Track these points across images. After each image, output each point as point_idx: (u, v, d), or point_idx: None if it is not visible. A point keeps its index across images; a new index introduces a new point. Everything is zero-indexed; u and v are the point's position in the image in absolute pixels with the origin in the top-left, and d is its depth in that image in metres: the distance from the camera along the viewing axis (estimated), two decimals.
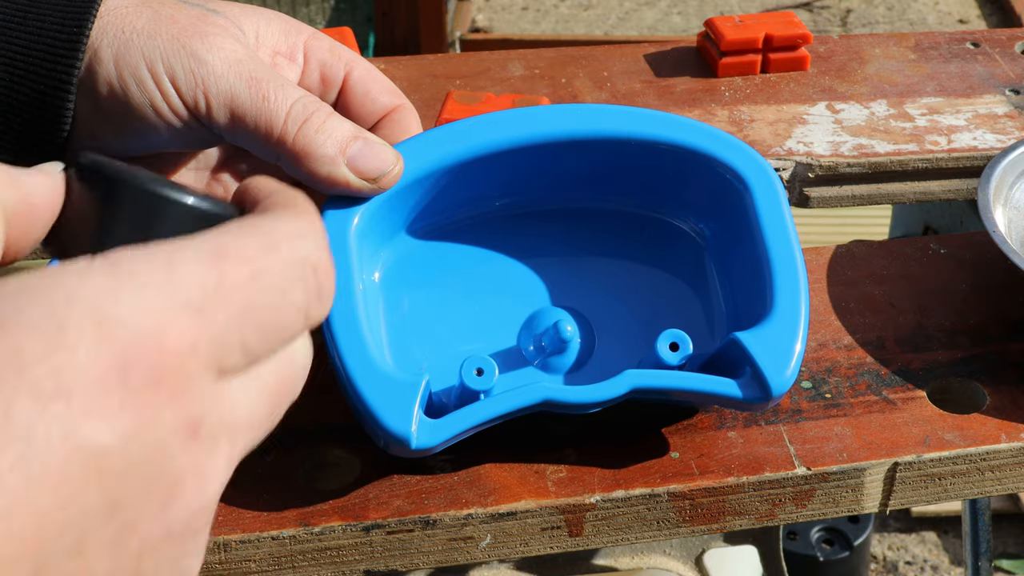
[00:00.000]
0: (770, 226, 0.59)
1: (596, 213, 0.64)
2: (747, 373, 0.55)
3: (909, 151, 0.80)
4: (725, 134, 0.61)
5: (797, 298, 0.57)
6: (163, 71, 0.53)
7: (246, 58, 0.54)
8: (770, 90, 0.87)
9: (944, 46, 0.92)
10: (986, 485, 0.61)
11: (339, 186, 0.55)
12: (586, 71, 0.89)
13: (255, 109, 0.53)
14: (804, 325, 0.56)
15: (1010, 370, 0.65)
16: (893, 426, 0.61)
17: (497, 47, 2.37)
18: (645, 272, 0.63)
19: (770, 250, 0.58)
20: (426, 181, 0.59)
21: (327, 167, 0.54)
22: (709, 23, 0.90)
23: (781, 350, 0.55)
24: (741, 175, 0.60)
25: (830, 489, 0.59)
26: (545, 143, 0.60)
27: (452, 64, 0.90)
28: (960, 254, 0.73)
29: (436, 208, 0.61)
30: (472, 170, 0.59)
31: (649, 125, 0.60)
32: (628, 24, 2.79)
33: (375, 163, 0.55)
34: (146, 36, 0.53)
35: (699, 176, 0.61)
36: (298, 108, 0.54)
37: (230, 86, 0.53)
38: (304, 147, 0.54)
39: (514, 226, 0.63)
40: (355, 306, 0.55)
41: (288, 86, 0.54)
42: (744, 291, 0.60)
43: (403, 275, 0.61)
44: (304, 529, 0.56)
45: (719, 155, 0.60)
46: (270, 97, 0.53)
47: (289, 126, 0.53)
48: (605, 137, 0.60)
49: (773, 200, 0.59)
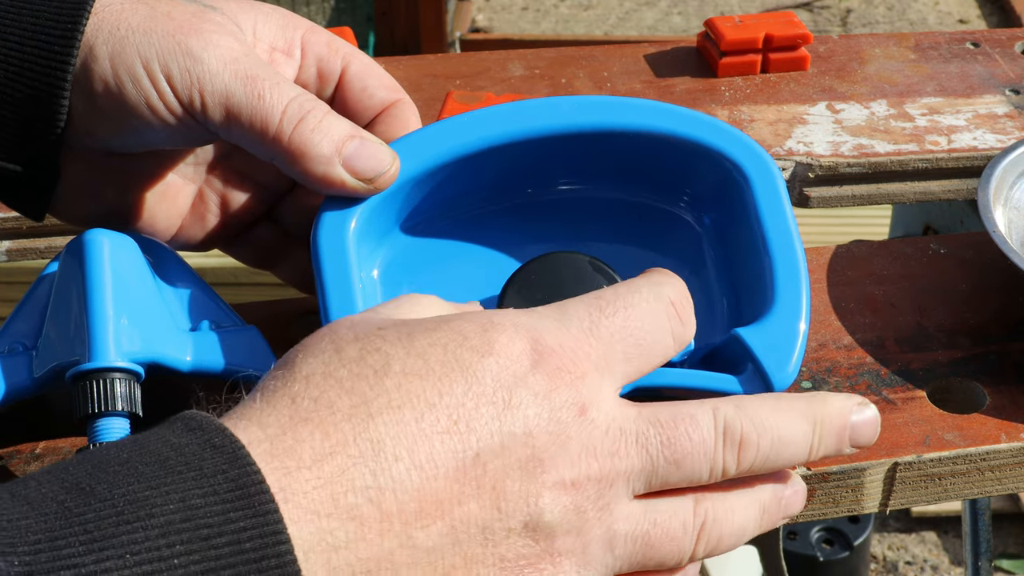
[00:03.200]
0: (770, 218, 0.58)
1: (595, 202, 0.64)
2: (748, 370, 0.55)
3: (909, 151, 0.80)
4: (725, 124, 0.60)
5: (798, 291, 0.57)
6: (159, 69, 0.52)
7: (242, 56, 0.54)
8: (770, 90, 0.87)
9: (944, 46, 0.93)
10: (986, 485, 0.61)
11: (335, 186, 0.54)
12: (586, 71, 0.89)
13: (250, 107, 0.53)
14: (806, 319, 0.56)
15: (1010, 370, 0.65)
16: (893, 426, 0.61)
17: (497, 47, 2.37)
18: (645, 258, 0.63)
19: (770, 242, 0.58)
20: (425, 178, 0.58)
21: (322, 167, 0.54)
22: (709, 23, 0.90)
23: (783, 346, 0.55)
24: (741, 167, 0.59)
25: (830, 489, 0.59)
26: (544, 136, 0.59)
27: (452, 64, 0.90)
28: (960, 254, 0.73)
29: (434, 204, 0.61)
30: (471, 165, 0.59)
31: (649, 116, 0.60)
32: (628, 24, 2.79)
33: (371, 163, 0.55)
34: (142, 33, 0.53)
35: (700, 167, 0.61)
36: (294, 107, 0.53)
37: (225, 84, 0.53)
38: (299, 146, 0.53)
39: (513, 217, 0.63)
40: (354, 304, 0.55)
41: (284, 84, 0.54)
42: (744, 283, 0.60)
43: (402, 271, 0.61)
44: None
45: (720, 146, 0.60)
46: (265, 96, 0.53)
47: (284, 125, 0.53)
48: (605, 129, 0.60)
49: (773, 192, 0.59)
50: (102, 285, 0.54)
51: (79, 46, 0.52)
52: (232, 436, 0.38)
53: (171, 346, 0.55)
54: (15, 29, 0.53)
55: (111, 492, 0.36)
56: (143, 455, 0.38)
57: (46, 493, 0.36)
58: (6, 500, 0.36)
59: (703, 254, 0.63)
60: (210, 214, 0.61)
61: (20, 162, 0.55)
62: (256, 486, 0.37)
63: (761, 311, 0.57)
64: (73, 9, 0.53)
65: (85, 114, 0.54)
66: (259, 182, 0.62)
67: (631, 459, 0.43)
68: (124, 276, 0.55)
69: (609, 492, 0.42)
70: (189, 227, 0.61)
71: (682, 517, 0.44)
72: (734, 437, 0.44)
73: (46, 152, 0.54)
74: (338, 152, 0.54)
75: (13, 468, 0.57)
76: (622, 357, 0.44)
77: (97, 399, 0.52)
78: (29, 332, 0.56)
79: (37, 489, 0.37)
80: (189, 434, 0.38)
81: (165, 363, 0.55)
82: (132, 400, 0.53)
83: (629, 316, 0.45)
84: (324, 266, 0.55)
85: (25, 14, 0.53)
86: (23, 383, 0.55)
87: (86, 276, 0.54)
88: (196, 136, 0.55)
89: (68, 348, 0.54)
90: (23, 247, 0.75)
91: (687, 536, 0.44)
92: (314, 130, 0.53)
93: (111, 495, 0.36)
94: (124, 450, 0.38)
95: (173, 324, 0.57)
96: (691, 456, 0.44)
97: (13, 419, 0.58)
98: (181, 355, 0.55)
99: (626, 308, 0.45)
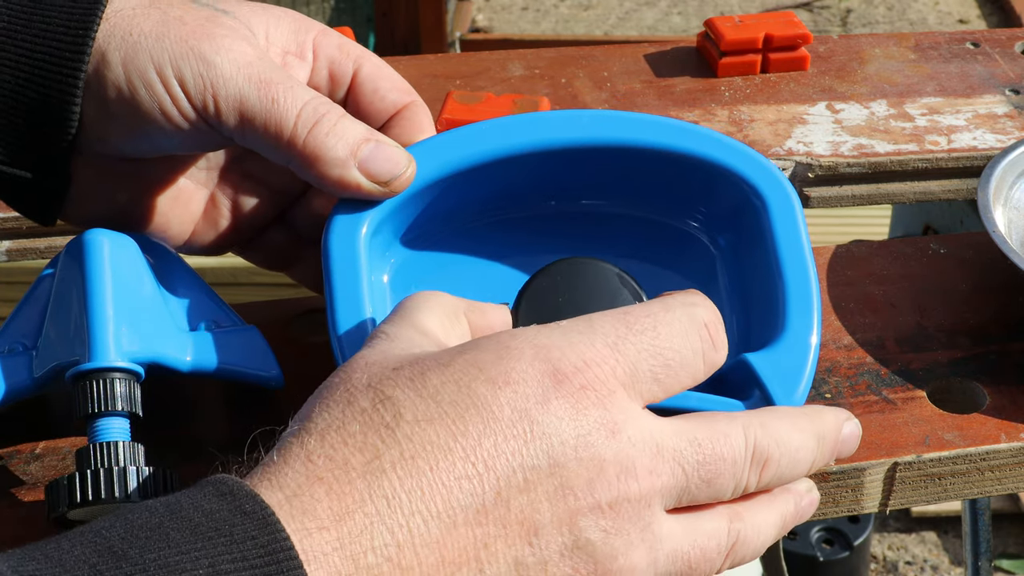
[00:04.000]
0: (786, 243, 0.58)
1: (612, 217, 0.64)
2: (755, 396, 0.55)
3: (909, 151, 0.80)
4: (745, 147, 0.60)
5: (809, 318, 0.56)
6: (172, 74, 0.52)
7: (255, 60, 0.53)
8: (770, 90, 0.87)
9: (944, 46, 0.93)
10: (986, 485, 0.61)
11: (350, 189, 0.54)
12: (586, 71, 0.89)
13: (264, 112, 0.53)
14: (815, 347, 0.56)
15: (1010, 370, 0.65)
16: (893, 426, 0.61)
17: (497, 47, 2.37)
18: (658, 274, 0.63)
19: (784, 267, 0.57)
20: (440, 185, 0.58)
21: (338, 170, 0.53)
22: (709, 23, 0.90)
23: (791, 374, 0.54)
24: (759, 190, 0.59)
25: (830, 489, 0.59)
26: (563, 149, 0.59)
27: (452, 64, 0.90)
28: (960, 254, 0.73)
29: (448, 211, 0.60)
30: (486, 175, 0.59)
31: (669, 135, 0.60)
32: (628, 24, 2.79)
33: (387, 166, 0.54)
34: (154, 39, 0.52)
35: (719, 188, 0.61)
36: (308, 111, 0.53)
37: (239, 88, 0.53)
38: (314, 150, 0.53)
39: (525, 228, 0.63)
40: (362, 308, 0.55)
41: (298, 88, 0.54)
42: (756, 306, 0.59)
43: (413, 276, 0.61)
44: None
45: (739, 169, 0.59)
46: (279, 100, 0.53)
47: (299, 129, 0.53)
48: (624, 145, 0.59)
49: (790, 217, 0.59)
50: (102, 285, 0.54)
51: (91, 52, 0.52)
52: (262, 502, 0.38)
53: (171, 346, 0.55)
54: (26, 35, 0.53)
55: (142, 557, 0.36)
56: (174, 520, 0.38)
57: (79, 555, 0.37)
58: (40, 561, 0.36)
59: (716, 274, 0.62)
60: (222, 218, 0.61)
61: (30, 168, 0.54)
62: (285, 552, 0.37)
63: (771, 336, 0.56)
64: (84, 14, 0.53)
65: (97, 120, 0.54)
66: (271, 186, 0.62)
67: (666, 477, 0.42)
68: (124, 276, 0.55)
69: (648, 512, 0.42)
70: (202, 231, 0.61)
71: (718, 539, 0.44)
72: (761, 457, 0.45)
73: (57, 158, 0.54)
74: (353, 155, 0.54)
75: (13, 468, 0.57)
76: (649, 376, 0.43)
77: (97, 399, 0.52)
78: (29, 332, 0.56)
79: (70, 551, 0.37)
80: (220, 499, 0.39)
81: (165, 363, 0.55)
82: (132, 400, 0.53)
83: (659, 335, 0.44)
84: (334, 269, 0.55)
85: (36, 20, 0.53)
86: (23, 383, 0.55)
87: (86, 276, 0.54)
88: (209, 141, 0.55)
89: (68, 348, 0.54)
90: (23, 247, 0.75)
91: (720, 555, 0.45)
92: (329, 133, 0.53)
93: (142, 559, 0.36)
94: (156, 515, 0.38)
95: (173, 324, 0.57)
96: (722, 476, 0.44)
97: (13, 419, 0.58)
98: (181, 355, 0.55)
99: (656, 326, 0.44)
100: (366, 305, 0.54)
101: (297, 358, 0.63)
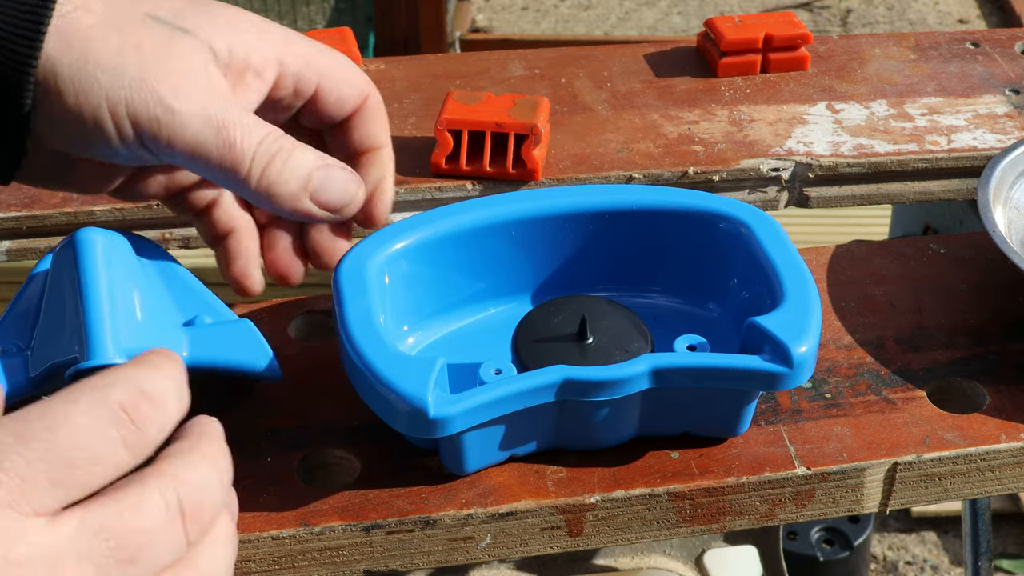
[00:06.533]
0: (772, 246, 0.60)
1: None
2: (766, 350, 0.55)
3: (909, 151, 0.80)
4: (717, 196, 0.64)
5: (807, 289, 0.58)
6: (125, 115, 0.52)
7: (211, 100, 0.53)
8: (770, 90, 0.87)
9: (944, 46, 0.93)
10: (986, 485, 0.61)
11: (306, 217, 0.56)
12: (586, 71, 0.89)
13: (219, 154, 0.53)
14: (817, 309, 0.57)
15: (1010, 370, 0.65)
16: (893, 426, 0.61)
17: (497, 47, 2.37)
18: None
19: (775, 262, 0.60)
20: (435, 246, 0.61)
21: (291, 203, 0.55)
22: (709, 23, 0.90)
23: (797, 327, 0.56)
24: (743, 220, 0.62)
25: (830, 489, 0.59)
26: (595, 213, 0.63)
27: (452, 64, 0.90)
28: (960, 254, 0.73)
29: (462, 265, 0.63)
30: (493, 239, 0.62)
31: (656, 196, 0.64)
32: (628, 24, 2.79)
33: (337, 196, 0.56)
34: (111, 74, 0.52)
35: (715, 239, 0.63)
36: (262, 151, 0.54)
37: (195, 133, 0.53)
38: (268, 188, 0.55)
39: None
40: (369, 306, 0.56)
41: (254, 127, 0.54)
42: (755, 297, 0.61)
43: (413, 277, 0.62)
44: (304, 529, 0.56)
45: (720, 210, 0.63)
46: (236, 143, 0.53)
47: (254, 170, 0.54)
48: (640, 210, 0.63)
49: (774, 231, 0.61)
50: (97, 283, 0.54)
51: (39, 56, 0.51)
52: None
53: (167, 342, 0.55)
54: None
55: None
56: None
57: None
58: None
59: None
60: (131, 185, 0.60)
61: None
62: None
63: (772, 307, 0.58)
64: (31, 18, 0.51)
65: (46, 131, 0.53)
66: None
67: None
68: (118, 273, 0.55)
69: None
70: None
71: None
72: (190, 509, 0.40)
73: (10, 158, 0.54)
74: (305, 188, 0.55)
75: None
76: (47, 484, 0.38)
77: None
78: (22, 332, 0.56)
79: None
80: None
81: None
82: None
83: (57, 437, 0.38)
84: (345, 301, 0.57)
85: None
86: (19, 383, 0.55)
87: (80, 275, 0.54)
88: (155, 161, 0.55)
89: (64, 346, 0.54)
90: (23, 247, 0.75)
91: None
92: (281, 171, 0.55)
93: None
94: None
95: (167, 320, 0.57)
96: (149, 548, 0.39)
97: None
98: (177, 350, 0.55)
99: (53, 428, 0.38)
100: (374, 304, 0.56)
101: (297, 358, 0.63)
